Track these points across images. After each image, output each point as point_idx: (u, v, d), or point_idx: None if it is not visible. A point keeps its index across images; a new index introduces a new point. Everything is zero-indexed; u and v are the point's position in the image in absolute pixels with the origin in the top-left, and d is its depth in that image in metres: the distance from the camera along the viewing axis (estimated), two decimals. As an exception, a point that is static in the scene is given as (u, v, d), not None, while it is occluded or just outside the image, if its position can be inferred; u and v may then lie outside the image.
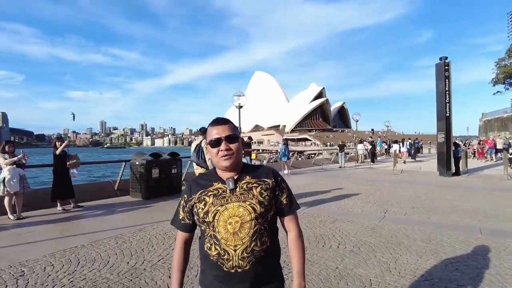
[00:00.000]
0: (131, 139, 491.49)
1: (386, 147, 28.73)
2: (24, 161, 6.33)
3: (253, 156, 13.22)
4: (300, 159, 32.81)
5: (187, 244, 1.51)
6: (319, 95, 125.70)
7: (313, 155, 24.77)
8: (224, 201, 1.36)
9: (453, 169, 13.15)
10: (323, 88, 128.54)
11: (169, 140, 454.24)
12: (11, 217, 6.02)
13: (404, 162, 20.56)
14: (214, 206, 1.35)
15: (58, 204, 6.84)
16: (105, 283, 3.29)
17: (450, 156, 12.97)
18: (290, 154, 16.61)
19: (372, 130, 74.85)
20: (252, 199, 1.36)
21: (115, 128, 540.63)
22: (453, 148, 13.20)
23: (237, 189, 1.38)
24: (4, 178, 5.94)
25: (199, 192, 1.41)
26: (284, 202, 1.47)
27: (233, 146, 1.40)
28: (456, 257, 4.01)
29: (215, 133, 1.40)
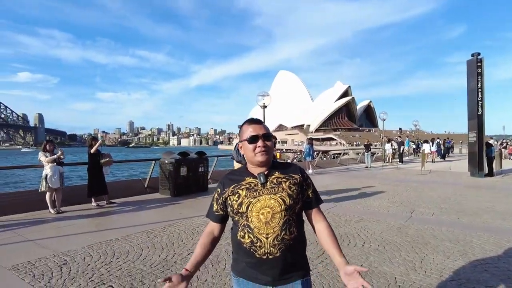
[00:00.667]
0: (158, 139, 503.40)
1: (414, 146, 27.92)
2: (62, 157, 6.76)
3: (277, 155, 13.28)
4: (325, 159, 32.60)
5: (215, 234, 1.60)
6: (345, 93, 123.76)
7: (338, 155, 24.49)
8: (256, 193, 1.47)
9: (486, 170, 12.66)
10: (349, 86, 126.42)
11: (195, 140, 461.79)
12: (52, 211, 6.45)
13: (433, 161, 20.11)
14: (247, 198, 1.47)
15: (93, 200, 7.24)
16: (139, 273, 3.51)
17: (482, 156, 12.49)
18: (315, 153, 16.55)
19: (400, 129, 72.76)
20: (282, 192, 1.47)
21: (143, 128, 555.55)
22: (485, 148, 12.72)
23: (268, 183, 1.50)
24: (47, 175, 6.38)
25: (233, 186, 1.53)
26: (311, 196, 1.58)
27: (269, 143, 1.53)
28: (486, 259, 3.93)
29: (251, 131, 1.52)
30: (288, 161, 17.56)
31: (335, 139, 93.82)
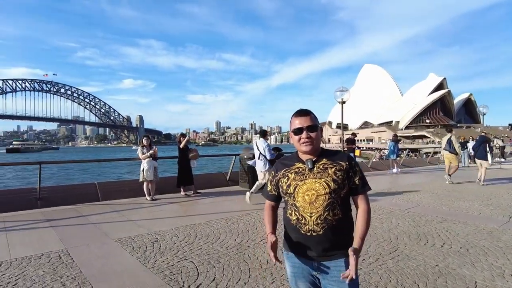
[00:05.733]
0: (242, 138, 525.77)
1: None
2: (155, 154, 7.74)
3: (357, 153, 12.88)
4: (415, 158, 30.14)
5: (274, 208, 1.84)
6: (439, 86, 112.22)
7: (430, 154, 22.40)
8: (303, 177, 1.64)
9: None
10: (444, 78, 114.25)
11: (276, 138, 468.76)
12: (148, 198, 7.46)
13: None
14: (295, 181, 1.65)
15: (181, 189, 8.11)
16: (216, 253, 3.93)
17: None
18: (400, 152, 15.50)
19: (510, 125, 62.93)
20: (327, 177, 1.61)
21: (228, 128, 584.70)
22: None
23: (315, 168, 1.65)
24: (143, 168, 7.40)
25: (284, 170, 1.72)
26: (357, 182, 1.67)
27: (313, 134, 1.67)
28: None
29: (297, 123, 1.69)
30: (374, 160, 16.81)
31: (428, 137, 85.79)
